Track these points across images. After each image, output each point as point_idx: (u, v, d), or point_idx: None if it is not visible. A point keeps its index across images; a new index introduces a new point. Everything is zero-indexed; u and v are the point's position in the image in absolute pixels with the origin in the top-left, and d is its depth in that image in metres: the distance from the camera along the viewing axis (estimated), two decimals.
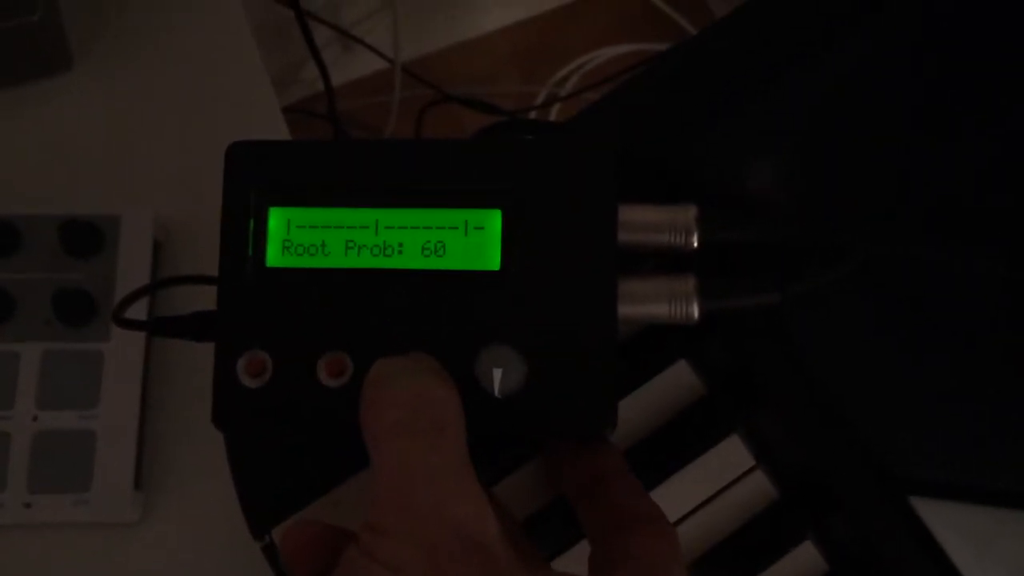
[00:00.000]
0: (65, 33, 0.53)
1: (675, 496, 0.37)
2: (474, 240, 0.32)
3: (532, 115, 1.25)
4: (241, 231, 0.32)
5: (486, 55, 1.32)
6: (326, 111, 0.92)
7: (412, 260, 0.32)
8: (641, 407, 0.37)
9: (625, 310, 0.32)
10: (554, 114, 1.27)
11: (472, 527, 0.26)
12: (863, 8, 0.39)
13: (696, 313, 0.32)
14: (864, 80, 0.39)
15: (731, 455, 0.37)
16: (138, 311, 0.47)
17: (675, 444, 0.37)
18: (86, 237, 0.48)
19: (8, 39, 0.51)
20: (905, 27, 0.40)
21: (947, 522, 0.34)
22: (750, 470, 0.37)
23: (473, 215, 0.32)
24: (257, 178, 0.32)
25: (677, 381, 0.38)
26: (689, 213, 0.33)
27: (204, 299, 0.36)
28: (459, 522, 0.26)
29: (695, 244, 0.33)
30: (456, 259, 0.32)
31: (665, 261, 0.35)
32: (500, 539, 0.26)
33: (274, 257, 0.32)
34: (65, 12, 0.52)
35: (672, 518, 0.36)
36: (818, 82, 0.39)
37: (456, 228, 0.32)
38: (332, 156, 0.33)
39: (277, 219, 0.32)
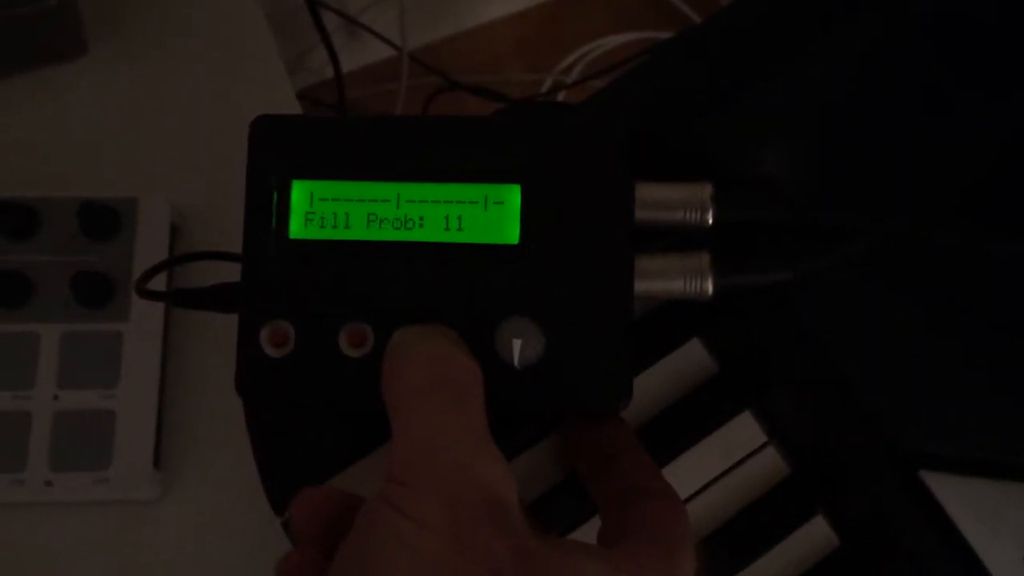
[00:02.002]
0: (81, 18, 0.54)
1: (687, 472, 0.37)
2: (494, 214, 0.32)
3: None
4: (265, 203, 0.33)
5: (492, 43, 1.32)
6: (333, 99, 0.93)
7: (432, 233, 0.32)
8: (654, 384, 0.38)
9: (641, 286, 0.32)
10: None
11: (496, 489, 0.26)
12: None
13: (710, 289, 0.33)
14: (880, 59, 0.39)
15: (743, 432, 0.38)
16: (157, 287, 0.47)
17: (688, 421, 0.38)
18: (104, 220, 0.48)
19: (25, 24, 0.51)
20: (921, 6, 0.40)
21: (958, 496, 0.35)
22: (762, 447, 0.38)
23: (493, 190, 0.32)
24: (281, 152, 0.33)
25: (690, 359, 0.38)
26: (705, 191, 0.33)
27: (222, 278, 0.37)
28: (484, 482, 0.26)
29: (710, 222, 0.33)
30: (476, 233, 0.32)
31: (680, 239, 0.35)
32: (519, 506, 0.27)
33: (297, 229, 0.33)
34: None
35: (684, 494, 0.36)
36: (832, 63, 0.39)
37: (476, 202, 0.32)
38: (354, 131, 0.33)
39: (300, 192, 0.33)
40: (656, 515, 0.30)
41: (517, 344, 0.31)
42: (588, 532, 0.36)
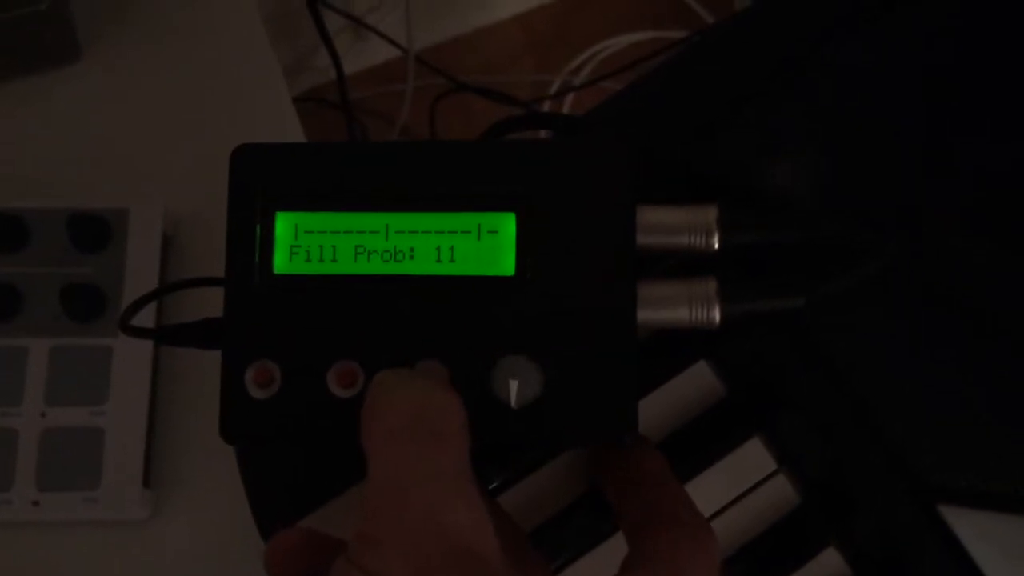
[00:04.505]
0: (73, 23, 0.53)
1: (696, 499, 0.35)
2: (487, 244, 0.31)
3: (546, 104, 1.24)
4: (247, 237, 0.31)
5: (499, 43, 1.31)
6: (338, 100, 0.92)
7: (424, 266, 0.31)
8: (660, 408, 0.37)
9: (644, 315, 0.31)
10: (568, 103, 1.26)
11: (467, 536, 0.25)
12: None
13: (717, 318, 0.31)
14: (890, 73, 0.38)
15: (752, 459, 0.36)
16: (147, 312, 0.46)
17: (695, 446, 0.37)
18: (95, 231, 0.47)
19: (16, 28, 0.50)
20: (930, 19, 0.39)
21: (978, 532, 0.33)
22: (772, 474, 0.36)
23: (486, 219, 0.31)
24: (263, 182, 0.32)
25: (697, 382, 0.37)
26: (710, 214, 0.32)
27: (213, 298, 0.35)
28: (453, 531, 0.25)
29: (716, 246, 0.32)
30: (469, 264, 0.31)
31: (685, 264, 0.34)
32: (497, 551, 0.25)
33: (281, 264, 0.31)
34: (73, 2, 0.52)
35: None
36: (844, 74, 0.38)
37: (469, 232, 0.31)
38: (340, 158, 0.32)
39: (284, 224, 0.31)
40: (671, 545, 0.29)
41: (514, 385, 0.30)
42: (598, 556, 0.35)
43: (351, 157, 0.32)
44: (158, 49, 0.54)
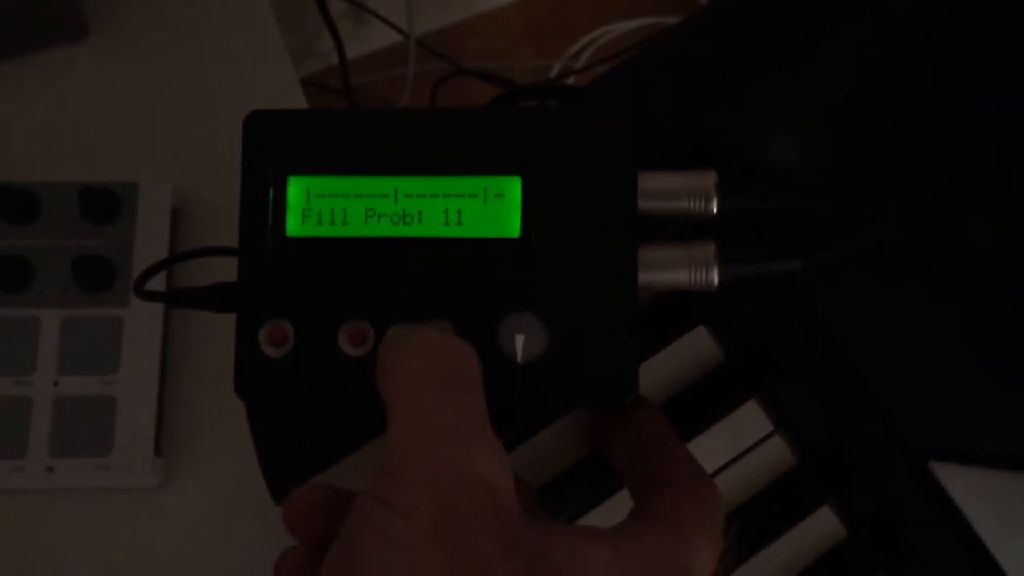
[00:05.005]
0: (81, 0, 0.53)
1: None
2: (494, 207, 0.32)
3: None
4: (260, 201, 0.32)
5: (500, 29, 1.31)
6: (340, 84, 0.92)
7: (432, 228, 0.32)
8: (659, 372, 0.38)
9: (645, 277, 0.32)
10: None
11: (491, 481, 0.26)
12: None
13: (716, 279, 0.32)
14: (887, 47, 0.39)
15: (749, 421, 0.37)
16: (156, 282, 0.47)
17: (694, 409, 0.38)
18: (105, 204, 0.48)
19: (23, 6, 0.51)
20: None
21: (969, 488, 0.34)
22: (768, 436, 0.37)
23: (492, 182, 0.32)
24: (276, 147, 0.32)
25: (696, 347, 0.38)
26: (709, 179, 0.33)
27: (221, 268, 0.36)
28: (476, 475, 0.25)
29: (715, 210, 0.33)
30: (476, 227, 0.32)
31: (685, 229, 0.35)
32: (516, 499, 0.26)
33: (294, 226, 0.32)
34: None
35: None
36: (840, 50, 0.39)
37: (476, 195, 0.32)
38: (351, 124, 0.32)
39: (296, 188, 0.32)
40: (673, 505, 0.29)
41: (520, 340, 0.31)
42: (600, 515, 0.36)
43: (361, 123, 0.32)
44: (165, 26, 0.55)
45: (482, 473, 0.25)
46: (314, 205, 0.32)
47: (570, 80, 1.25)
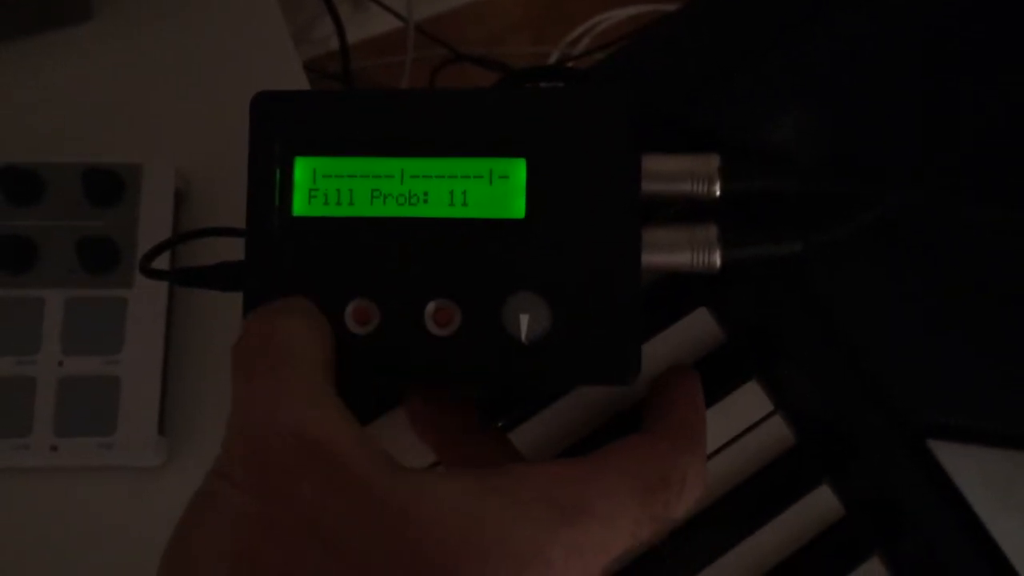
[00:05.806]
0: None
1: None
2: (499, 189, 0.32)
3: None
4: (267, 181, 0.32)
5: (499, 15, 1.31)
6: (339, 70, 0.92)
7: (437, 209, 0.32)
8: (661, 353, 0.38)
9: (648, 258, 0.32)
10: None
11: (313, 431, 0.26)
12: None
13: (718, 261, 0.33)
14: (889, 28, 0.39)
15: (750, 401, 0.38)
16: (161, 262, 0.47)
17: None
18: (109, 185, 0.48)
19: None
20: None
21: (966, 466, 0.35)
22: (768, 415, 0.38)
23: (498, 164, 0.32)
24: (283, 128, 0.33)
25: (698, 328, 0.38)
26: (712, 162, 0.33)
27: (225, 249, 0.37)
28: (293, 426, 0.26)
29: (717, 193, 0.33)
30: (481, 208, 0.32)
31: (688, 211, 0.35)
32: (357, 446, 0.26)
33: (300, 206, 0.32)
34: None
35: None
36: (841, 31, 0.39)
37: (481, 177, 0.32)
38: (357, 105, 0.33)
39: (303, 168, 0.32)
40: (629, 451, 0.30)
41: (524, 319, 0.31)
42: None
43: (368, 104, 0.33)
44: (169, 8, 0.55)
45: (302, 423, 0.26)
46: (320, 185, 0.32)
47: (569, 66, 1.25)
